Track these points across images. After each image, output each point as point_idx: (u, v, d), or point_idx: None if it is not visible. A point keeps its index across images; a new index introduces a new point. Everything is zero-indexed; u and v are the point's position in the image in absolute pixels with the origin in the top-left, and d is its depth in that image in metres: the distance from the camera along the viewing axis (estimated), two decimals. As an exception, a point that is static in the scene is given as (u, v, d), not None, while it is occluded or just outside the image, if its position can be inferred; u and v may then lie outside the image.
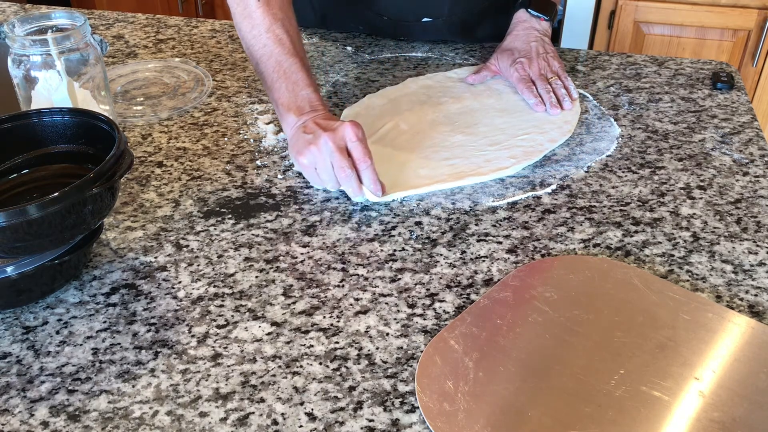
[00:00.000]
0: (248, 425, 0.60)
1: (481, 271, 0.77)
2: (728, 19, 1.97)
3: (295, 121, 0.91)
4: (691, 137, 1.00)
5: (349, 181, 0.85)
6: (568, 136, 0.98)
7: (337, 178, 0.85)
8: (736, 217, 0.85)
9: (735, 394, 0.62)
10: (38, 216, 0.65)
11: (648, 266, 0.77)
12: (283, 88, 0.92)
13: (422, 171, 0.92)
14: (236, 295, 0.74)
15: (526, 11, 1.14)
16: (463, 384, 0.62)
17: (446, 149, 0.95)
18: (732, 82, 1.12)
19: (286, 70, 0.93)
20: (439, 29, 1.24)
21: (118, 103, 1.08)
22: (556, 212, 0.86)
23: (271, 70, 0.93)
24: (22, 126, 0.79)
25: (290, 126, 0.91)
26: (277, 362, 0.66)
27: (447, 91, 1.09)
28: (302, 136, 0.88)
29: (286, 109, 0.92)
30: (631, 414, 0.60)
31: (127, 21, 1.36)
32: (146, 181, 0.91)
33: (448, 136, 0.98)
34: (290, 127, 0.91)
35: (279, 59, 0.93)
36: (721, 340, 0.67)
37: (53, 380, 0.65)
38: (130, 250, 0.80)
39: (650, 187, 0.90)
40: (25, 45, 0.85)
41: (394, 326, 0.70)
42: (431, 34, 1.25)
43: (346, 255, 0.79)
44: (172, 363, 0.66)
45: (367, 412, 0.61)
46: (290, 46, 0.94)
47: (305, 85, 0.92)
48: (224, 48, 1.25)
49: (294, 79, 0.92)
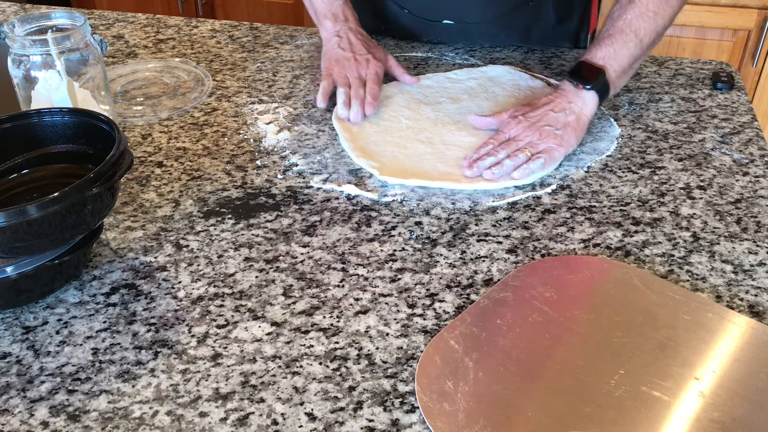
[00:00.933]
0: (248, 425, 0.60)
1: (481, 271, 0.77)
2: (728, 19, 1.97)
3: (332, 26, 1.11)
4: (691, 137, 1.00)
5: (356, 98, 1.01)
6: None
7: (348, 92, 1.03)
8: (736, 217, 0.85)
9: (735, 394, 0.62)
10: (38, 216, 0.65)
11: (648, 266, 0.77)
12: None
13: (441, 167, 0.92)
14: (236, 295, 0.74)
15: (567, 80, 0.98)
16: (463, 384, 0.62)
17: (460, 149, 0.96)
18: (732, 82, 1.12)
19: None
20: (458, 33, 1.23)
21: (118, 103, 1.08)
22: (556, 212, 0.86)
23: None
24: (22, 126, 0.79)
25: (327, 31, 1.12)
26: (277, 362, 0.66)
27: (444, 91, 1.09)
28: (337, 50, 1.09)
29: (323, 16, 1.12)
30: (631, 414, 0.60)
31: (127, 21, 1.36)
32: (146, 181, 0.91)
33: (459, 135, 0.99)
34: (326, 32, 1.12)
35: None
36: (721, 340, 0.67)
37: (53, 380, 0.65)
38: (130, 250, 0.80)
39: (650, 187, 0.90)
40: (25, 45, 0.85)
41: (394, 326, 0.70)
42: (450, 36, 1.25)
43: (346, 255, 0.79)
44: (172, 363, 0.66)
45: (367, 412, 0.61)
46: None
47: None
48: (224, 48, 1.25)
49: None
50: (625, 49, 0.97)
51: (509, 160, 0.90)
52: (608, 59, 0.97)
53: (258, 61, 1.20)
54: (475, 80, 1.12)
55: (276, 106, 1.08)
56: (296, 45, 1.26)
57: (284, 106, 1.07)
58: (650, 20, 0.97)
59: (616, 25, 0.98)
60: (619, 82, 0.99)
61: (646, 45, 0.98)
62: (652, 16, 0.97)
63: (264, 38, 1.29)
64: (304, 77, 1.16)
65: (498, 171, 0.89)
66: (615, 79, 0.98)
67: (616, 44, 0.97)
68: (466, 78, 1.13)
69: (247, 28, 1.32)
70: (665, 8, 0.97)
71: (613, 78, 0.97)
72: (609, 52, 0.97)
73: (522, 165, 0.90)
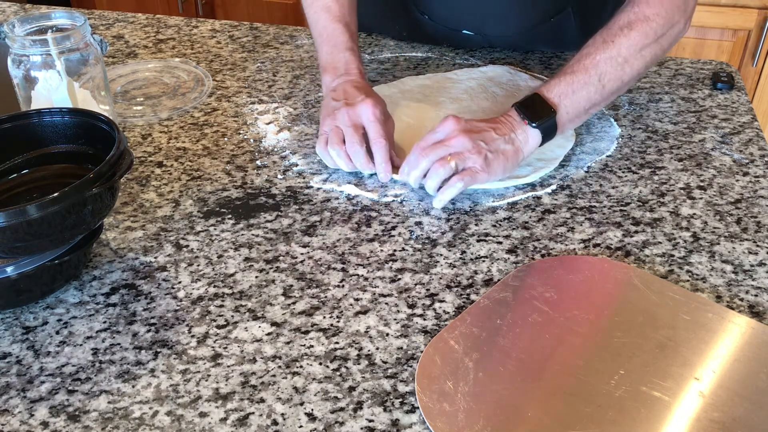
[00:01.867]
0: (248, 425, 0.60)
1: (481, 271, 0.77)
2: (728, 19, 1.97)
3: (330, 81, 0.97)
4: (691, 137, 1.00)
5: (357, 157, 0.89)
6: (573, 140, 0.98)
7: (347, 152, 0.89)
8: (736, 217, 0.85)
9: (735, 395, 0.62)
10: (38, 216, 0.65)
11: (648, 266, 0.77)
12: (324, 50, 1.00)
13: None
14: (236, 296, 0.74)
15: (516, 109, 0.90)
16: (463, 384, 0.62)
17: None
18: (732, 82, 1.12)
19: (330, 34, 1.00)
20: (481, 43, 1.23)
21: (118, 103, 1.08)
22: (556, 212, 0.86)
23: (317, 34, 1.02)
24: (22, 126, 0.79)
25: (325, 87, 0.98)
26: (277, 362, 0.66)
27: (445, 91, 1.09)
28: (330, 102, 0.94)
29: (324, 69, 0.99)
30: (631, 414, 0.60)
31: (127, 21, 1.36)
32: (146, 181, 0.91)
33: None
34: (325, 88, 0.98)
35: (325, 24, 1.01)
36: (721, 340, 0.67)
37: (53, 380, 0.65)
38: (130, 250, 0.80)
39: (650, 187, 0.90)
40: (25, 45, 0.85)
41: (394, 326, 0.70)
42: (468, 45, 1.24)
43: (346, 255, 0.79)
44: (172, 363, 0.66)
45: (367, 412, 0.61)
46: (337, 13, 1.01)
47: (344, 48, 0.98)
48: (224, 48, 1.25)
49: (335, 42, 0.99)
50: (584, 91, 0.90)
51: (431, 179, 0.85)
52: (564, 98, 0.89)
53: (258, 61, 1.20)
54: (474, 80, 1.12)
55: (276, 106, 1.08)
56: (296, 45, 1.26)
57: (284, 106, 1.07)
58: (618, 67, 0.90)
59: (582, 63, 0.91)
60: (568, 126, 0.92)
61: (607, 93, 0.91)
62: (621, 62, 0.90)
63: (264, 38, 1.29)
64: (304, 77, 1.16)
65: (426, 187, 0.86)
66: (565, 122, 0.90)
67: (575, 83, 0.90)
68: (466, 78, 1.13)
69: (247, 28, 1.32)
70: (636, 58, 0.91)
71: (563, 120, 0.90)
72: (566, 90, 0.90)
73: (443, 188, 0.85)
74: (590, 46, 0.92)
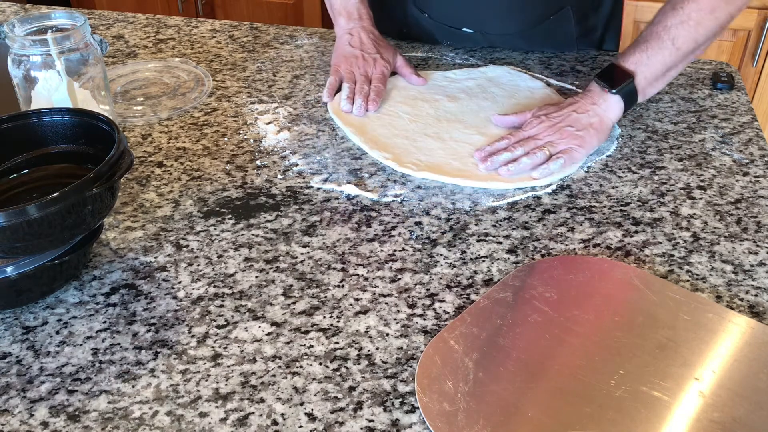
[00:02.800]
0: (248, 425, 0.60)
1: (481, 271, 0.77)
2: (728, 19, 1.97)
3: (345, 23, 1.13)
4: (691, 137, 1.00)
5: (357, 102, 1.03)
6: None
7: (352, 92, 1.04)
8: (736, 217, 0.85)
9: (735, 395, 0.62)
10: (38, 216, 0.65)
11: (648, 266, 0.77)
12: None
13: (453, 162, 0.92)
14: (236, 295, 0.74)
15: (595, 81, 0.97)
16: (463, 384, 0.62)
17: (472, 147, 0.96)
18: (732, 82, 1.12)
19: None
20: (480, 41, 1.23)
21: (118, 103, 1.08)
22: (556, 212, 0.86)
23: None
24: (22, 126, 0.79)
25: (340, 28, 1.14)
26: (277, 362, 0.66)
27: (441, 89, 1.10)
28: (347, 47, 1.11)
29: (338, 13, 1.14)
30: (631, 414, 0.60)
31: (127, 21, 1.36)
32: (146, 181, 0.91)
33: (468, 134, 0.98)
34: (339, 29, 1.14)
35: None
36: (721, 340, 0.67)
37: (53, 380, 0.65)
38: (130, 250, 0.80)
39: (650, 187, 0.90)
40: (25, 45, 0.85)
41: (394, 326, 0.70)
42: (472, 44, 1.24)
43: (346, 255, 0.79)
44: (172, 363, 0.66)
45: (367, 412, 0.61)
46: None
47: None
48: (224, 48, 1.25)
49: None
50: (659, 55, 0.94)
51: (527, 158, 0.90)
52: (639, 65, 0.94)
53: (258, 61, 1.20)
54: (473, 80, 1.12)
55: (276, 106, 1.08)
56: (296, 45, 1.26)
57: (284, 106, 1.07)
58: (691, 29, 0.92)
59: (653, 30, 0.95)
60: (649, 90, 0.96)
61: (683, 53, 0.94)
62: (693, 25, 0.92)
63: (264, 38, 1.29)
64: (304, 77, 1.16)
65: (514, 168, 0.89)
66: (645, 87, 0.95)
67: (650, 50, 0.94)
68: (465, 78, 1.13)
69: (247, 28, 1.32)
70: (709, 19, 0.93)
71: (642, 85, 0.95)
72: (641, 57, 0.94)
73: (541, 164, 0.90)
74: (659, 15, 0.96)
